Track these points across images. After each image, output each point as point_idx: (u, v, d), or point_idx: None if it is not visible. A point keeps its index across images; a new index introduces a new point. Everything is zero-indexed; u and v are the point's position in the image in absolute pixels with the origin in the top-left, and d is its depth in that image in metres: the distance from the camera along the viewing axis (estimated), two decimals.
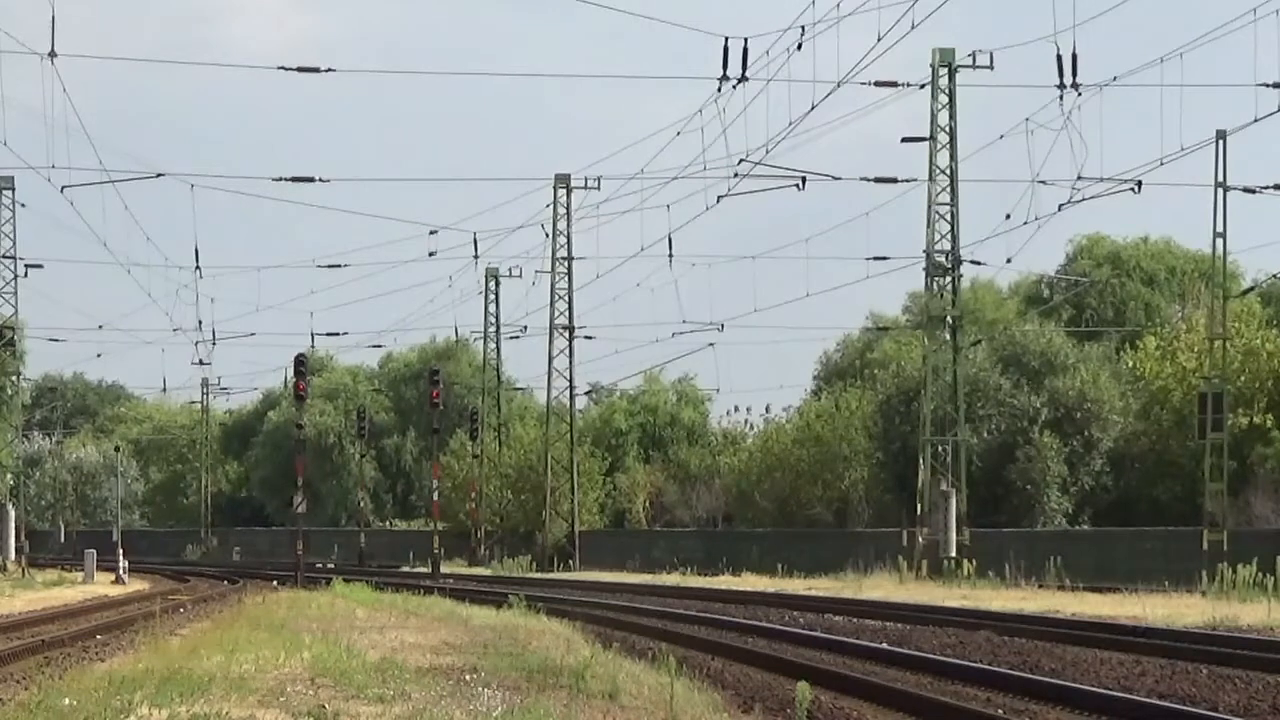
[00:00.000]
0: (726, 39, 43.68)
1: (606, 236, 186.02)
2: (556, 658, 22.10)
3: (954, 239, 57.41)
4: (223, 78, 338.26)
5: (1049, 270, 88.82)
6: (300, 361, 64.02)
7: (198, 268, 65.36)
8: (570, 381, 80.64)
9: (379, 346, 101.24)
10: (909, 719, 18.22)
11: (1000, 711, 17.85)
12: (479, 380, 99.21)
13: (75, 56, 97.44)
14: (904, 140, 58.54)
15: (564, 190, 78.37)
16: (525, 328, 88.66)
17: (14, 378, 76.82)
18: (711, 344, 77.96)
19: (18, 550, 72.97)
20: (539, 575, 70.90)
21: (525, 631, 28.64)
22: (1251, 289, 68.20)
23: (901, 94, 54.72)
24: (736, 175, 51.46)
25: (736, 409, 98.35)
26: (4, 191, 72.65)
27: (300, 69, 49.39)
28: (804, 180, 54.82)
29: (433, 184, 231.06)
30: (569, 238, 79.10)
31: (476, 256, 74.73)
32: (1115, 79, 47.38)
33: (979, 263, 60.07)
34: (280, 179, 58.28)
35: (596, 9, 52.53)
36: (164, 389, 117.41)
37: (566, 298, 79.31)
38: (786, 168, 54.00)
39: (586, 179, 76.99)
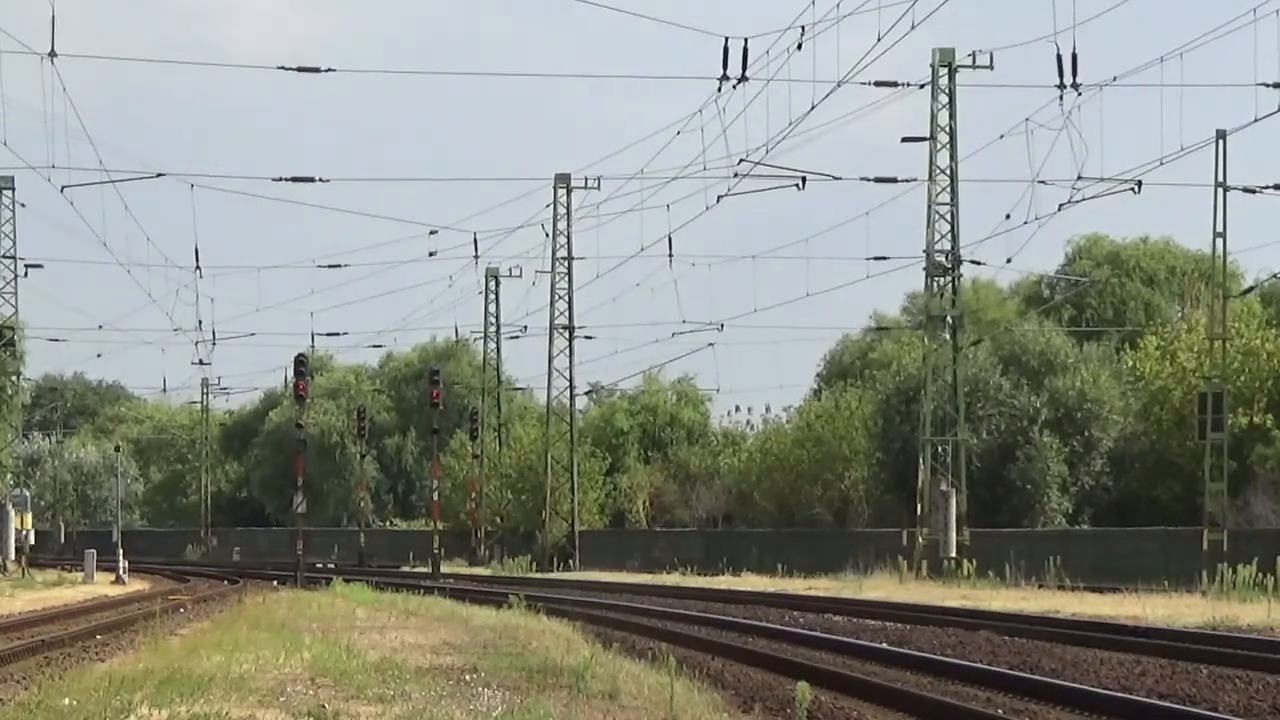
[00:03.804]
0: (726, 39, 43.71)
1: (606, 236, 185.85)
2: (556, 658, 22.10)
3: (954, 239, 57.41)
4: (223, 78, 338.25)
5: (1049, 270, 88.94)
6: (300, 361, 64.06)
7: (198, 268, 65.32)
8: (570, 381, 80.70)
9: (379, 346, 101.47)
10: (909, 719, 18.22)
11: (1000, 711, 17.85)
12: (479, 380, 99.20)
13: (75, 56, 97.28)
14: (904, 140, 58.54)
15: (564, 190, 78.37)
16: (525, 328, 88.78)
17: (14, 378, 76.78)
18: (711, 344, 78.08)
19: (18, 550, 72.99)
20: (539, 575, 70.88)
21: (525, 631, 28.63)
22: (1251, 289, 68.18)
23: (901, 94, 54.78)
24: (736, 175, 51.49)
25: (737, 409, 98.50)
26: (4, 191, 72.67)
27: (300, 69, 49.36)
28: (804, 180, 54.81)
29: (433, 184, 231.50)
30: (569, 238, 79.18)
31: (476, 256, 74.79)
32: (1115, 79, 47.44)
33: (979, 263, 60.13)
34: (280, 179, 58.21)
35: (597, 9, 52.54)
36: (164, 389, 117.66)
37: (566, 298, 79.36)
38: (786, 168, 54.02)
39: (586, 179, 77.09)
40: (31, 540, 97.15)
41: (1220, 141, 49.74)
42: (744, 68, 43.36)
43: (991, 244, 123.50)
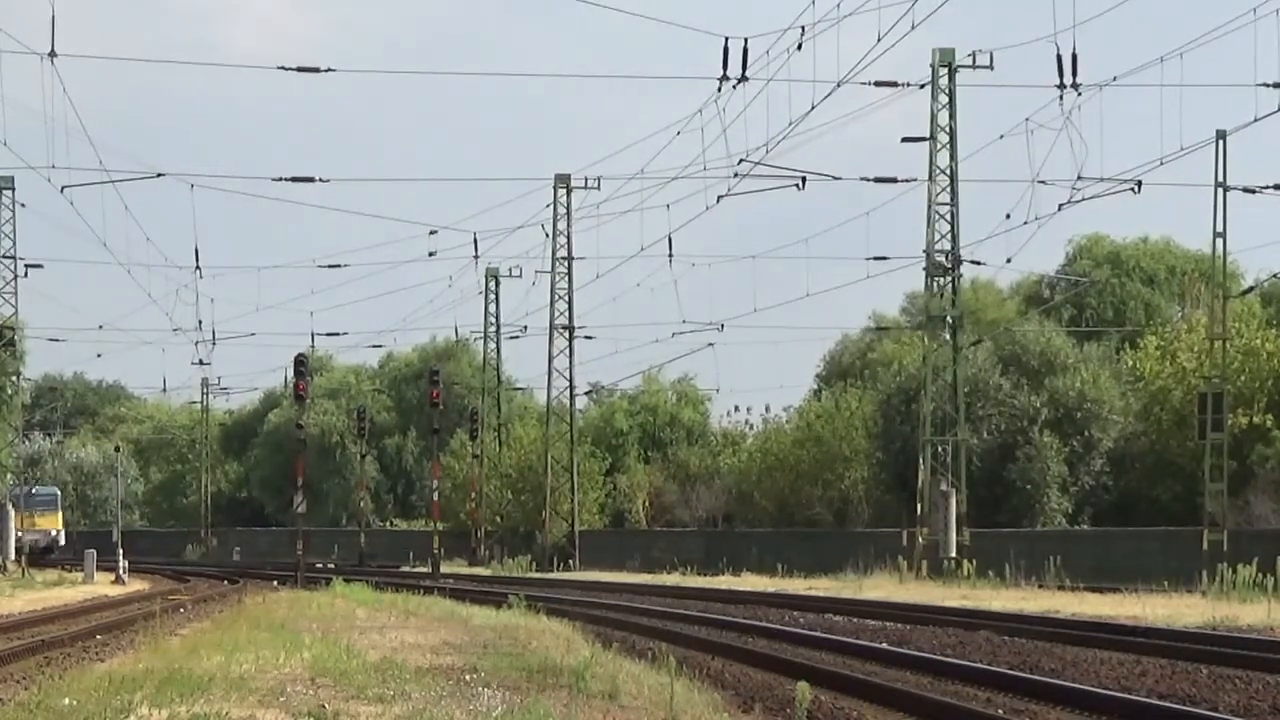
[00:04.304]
0: (726, 39, 43.72)
1: (606, 236, 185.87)
2: (556, 658, 22.11)
3: (954, 239, 57.40)
4: (223, 78, 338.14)
5: (1049, 270, 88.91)
6: (300, 361, 64.07)
7: (198, 268, 65.34)
8: (570, 381, 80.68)
9: (379, 346, 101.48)
10: (909, 719, 18.22)
11: (1000, 711, 17.85)
12: (479, 380, 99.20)
13: (75, 56, 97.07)
14: (904, 140, 58.47)
15: (564, 190, 78.34)
16: (525, 328, 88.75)
17: (14, 378, 76.71)
18: (711, 344, 78.06)
19: (18, 550, 73.04)
20: (539, 575, 70.87)
21: (525, 631, 28.64)
22: (1251, 289, 68.16)
23: (901, 94, 54.74)
24: (736, 175, 51.50)
25: (736, 409, 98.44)
26: (4, 191, 72.58)
27: (300, 69, 49.34)
28: (804, 180, 54.81)
29: (433, 184, 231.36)
30: (569, 238, 79.15)
31: (476, 256, 74.70)
32: (1115, 79, 47.43)
33: (979, 263, 60.09)
34: (280, 179, 58.17)
35: (596, 9, 52.56)
36: (164, 389, 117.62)
37: (566, 298, 79.33)
38: (786, 168, 54.00)
39: (586, 179, 77.03)
40: (61, 540, 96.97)
41: (1220, 141, 49.72)
42: (744, 68, 43.39)
43: (991, 244, 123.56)
